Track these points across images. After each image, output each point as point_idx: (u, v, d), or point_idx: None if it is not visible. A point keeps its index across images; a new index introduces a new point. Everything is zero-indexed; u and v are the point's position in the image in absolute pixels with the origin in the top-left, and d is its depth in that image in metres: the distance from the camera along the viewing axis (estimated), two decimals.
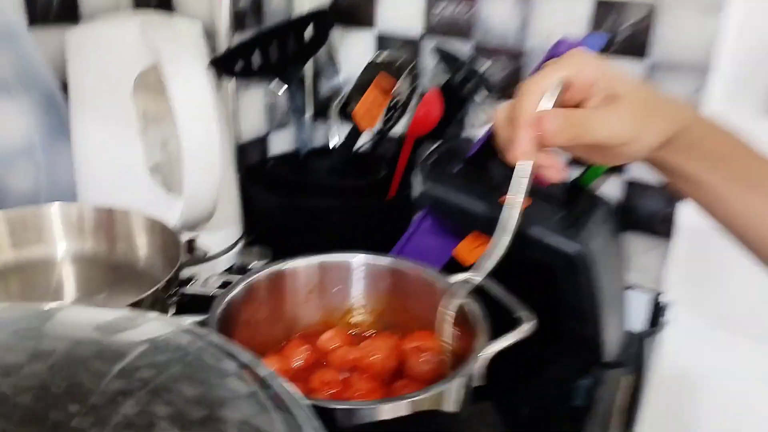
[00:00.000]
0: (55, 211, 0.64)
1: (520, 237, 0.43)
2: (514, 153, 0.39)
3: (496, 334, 0.45)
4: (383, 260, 0.56)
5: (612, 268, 0.64)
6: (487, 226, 0.60)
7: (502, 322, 0.47)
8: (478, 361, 0.43)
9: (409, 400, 0.38)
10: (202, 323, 0.44)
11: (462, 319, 0.49)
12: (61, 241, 0.64)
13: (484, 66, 0.88)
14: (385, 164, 0.85)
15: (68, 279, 0.63)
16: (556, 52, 0.60)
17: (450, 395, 0.41)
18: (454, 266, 0.66)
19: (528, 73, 0.87)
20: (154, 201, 0.67)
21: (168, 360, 0.29)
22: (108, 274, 0.63)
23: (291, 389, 0.29)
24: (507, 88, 0.86)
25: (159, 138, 0.72)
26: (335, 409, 0.37)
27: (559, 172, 0.40)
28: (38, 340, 0.29)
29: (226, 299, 0.47)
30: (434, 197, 0.65)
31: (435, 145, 0.79)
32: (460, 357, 0.47)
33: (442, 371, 0.49)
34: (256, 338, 0.52)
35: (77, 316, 0.33)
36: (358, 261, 0.56)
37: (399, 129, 0.86)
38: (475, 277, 0.46)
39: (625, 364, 0.63)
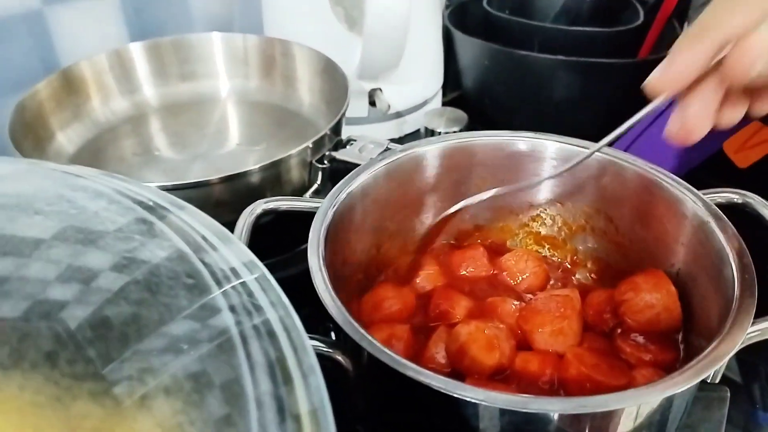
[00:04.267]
0: (217, 41, 0.56)
1: None
2: None
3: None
4: (597, 153, 0.36)
5: None
6: None
7: None
8: (729, 351, 0.25)
9: (571, 407, 0.22)
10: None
11: (709, 269, 0.30)
12: (224, 76, 0.57)
13: None
14: (642, 8, 0.62)
15: (231, 120, 0.57)
16: None
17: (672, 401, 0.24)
18: (719, 167, 0.45)
19: None
20: (335, 39, 0.56)
21: (243, 312, 0.20)
22: (270, 118, 0.56)
23: None
24: None
25: None
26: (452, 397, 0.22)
27: None
28: (141, 243, 0.23)
29: (348, 189, 0.33)
30: None
31: None
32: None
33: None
34: (390, 241, 0.38)
35: (193, 218, 0.25)
36: (551, 150, 0.37)
37: None
38: None
39: None
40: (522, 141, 0.37)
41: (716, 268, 0.29)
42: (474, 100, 0.67)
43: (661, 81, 0.30)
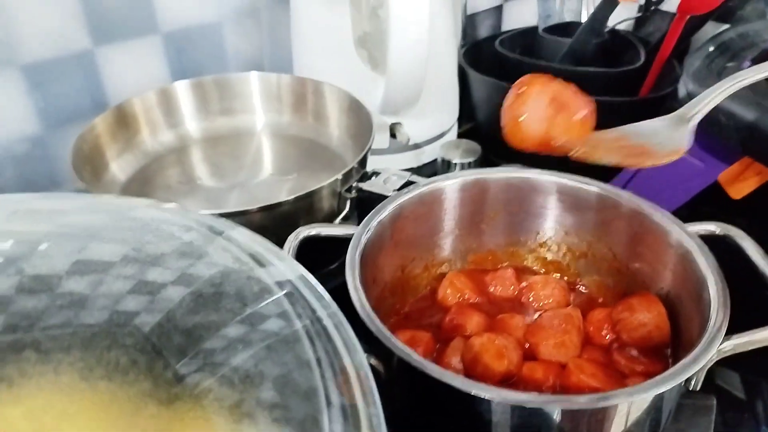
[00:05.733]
0: (254, 79, 0.61)
1: None
2: None
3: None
4: (591, 189, 0.41)
5: None
6: None
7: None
8: (708, 360, 0.29)
9: (570, 404, 0.27)
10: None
11: (691, 291, 0.34)
12: (260, 111, 0.62)
13: None
14: (644, 50, 0.66)
15: (266, 151, 0.62)
16: None
17: (644, 402, 0.29)
18: (713, 198, 0.50)
19: None
20: (359, 78, 0.61)
21: (298, 314, 0.24)
22: (301, 150, 0.61)
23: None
24: None
25: (370, 4, 0.63)
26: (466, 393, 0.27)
27: None
28: (195, 260, 0.27)
29: (382, 215, 0.39)
30: None
31: (719, 30, 0.58)
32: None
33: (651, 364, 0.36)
34: (419, 259, 0.43)
35: (241, 238, 0.29)
36: (555, 185, 0.42)
37: (673, 2, 0.65)
38: None
39: None
40: (529, 176, 0.42)
41: (697, 291, 0.34)
42: (487, 132, 0.72)
43: None
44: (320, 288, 0.24)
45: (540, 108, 0.36)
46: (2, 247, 0.27)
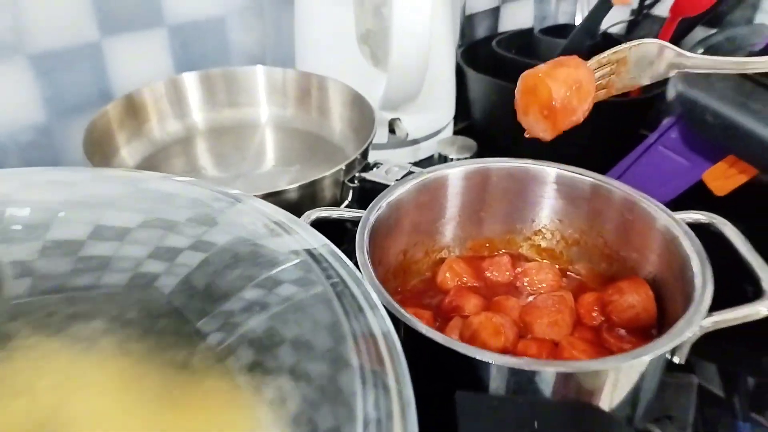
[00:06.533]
0: (260, 73, 0.63)
1: None
2: None
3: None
4: (586, 180, 0.44)
5: None
6: (756, 151, 0.45)
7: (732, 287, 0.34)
8: (690, 335, 0.31)
9: (566, 368, 0.29)
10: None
11: (677, 274, 0.36)
12: (265, 104, 0.64)
13: None
14: None
15: (269, 143, 0.64)
16: None
17: (632, 371, 0.31)
18: (699, 195, 0.52)
19: None
20: (361, 74, 0.63)
21: (311, 282, 0.25)
22: (303, 143, 0.63)
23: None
24: None
25: (374, 2, 0.66)
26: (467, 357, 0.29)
27: None
28: (208, 228, 0.28)
29: (387, 198, 0.41)
30: (691, 102, 0.50)
31: (709, 33, 0.60)
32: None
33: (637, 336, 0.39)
34: (420, 245, 0.45)
35: (253, 210, 0.31)
36: (552, 176, 0.45)
37: (664, 8, 0.67)
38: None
39: None
40: (529, 167, 0.45)
41: (683, 272, 0.36)
42: (482, 129, 0.75)
43: None
44: (343, 256, 0.26)
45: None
46: (21, 214, 0.28)
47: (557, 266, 0.46)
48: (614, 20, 0.71)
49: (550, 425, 0.24)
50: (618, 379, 0.31)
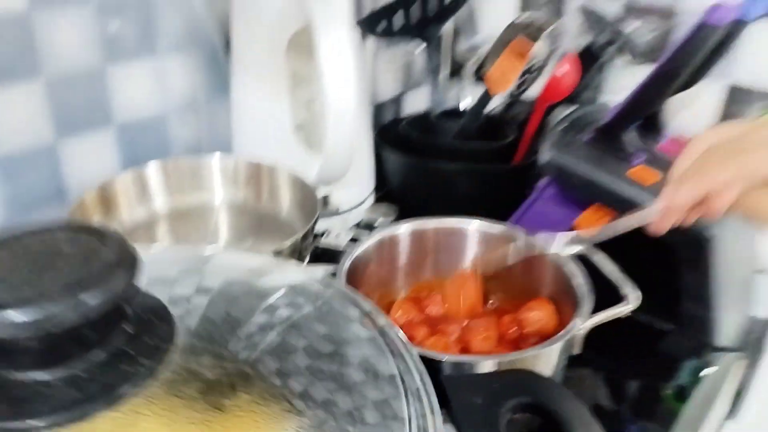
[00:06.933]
0: (215, 161, 0.72)
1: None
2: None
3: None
4: (497, 228, 0.58)
5: (740, 250, 0.62)
6: (612, 199, 0.61)
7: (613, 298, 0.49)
8: (578, 331, 0.45)
9: (503, 359, 0.42)
10: (332, 274, 0.50)
11: (567, 291, 0.51)
12: (218, 189, 0.73)
13: (631, 27, 0.84)
14: (514, 128, 0.85)
15: (223, 224, 0.72)
16: (710, 19, 0.57)
17: (547, 358, 0.44)
18: None
19: (676, 36, 0.82)
20: (296, 157, 0.73)
21: (303, 302, 0.33)
22: (255, 222, 0.71)
23: (403, 338, 0.33)
24: (653, 53, 0.82)
25: (305, 98, 0.78)
26: (440, 361, 0.41)
27: None
28: (201, 277, 0.34)
29: (354, 254, 0.53)
30: (559, 165, 0.65)
31: (568, 111, 0.78)
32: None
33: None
34: (377, 290, 0.57)
35: (232, 260, 0.39)
36: (474, 227, 0.59)
37: (533, 92, 0.85)
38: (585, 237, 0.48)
39: (743, 349, 0.61)
40: (453, 224, 0.59)
41: (571, 292, 0.51)
42: (399, 196, 0.86)
43: (666, 209, 0.43)
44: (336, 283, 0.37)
45: None
46: None
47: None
48: (494, 104, 0.88)
49: (507, 389, 0.35)
50: (535, 365, 0.44)
